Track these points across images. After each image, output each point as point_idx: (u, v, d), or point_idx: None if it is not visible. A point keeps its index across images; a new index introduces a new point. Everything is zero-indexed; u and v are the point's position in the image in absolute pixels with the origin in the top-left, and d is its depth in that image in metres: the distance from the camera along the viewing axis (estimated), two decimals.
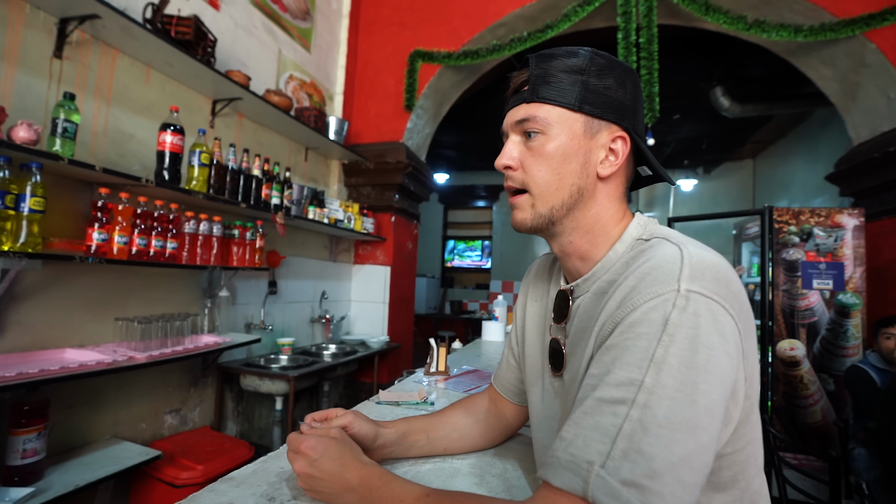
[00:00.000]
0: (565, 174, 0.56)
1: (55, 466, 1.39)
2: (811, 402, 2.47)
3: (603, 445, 0.39)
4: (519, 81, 0.59)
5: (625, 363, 0.42)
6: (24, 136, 1.27)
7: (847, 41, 2.53)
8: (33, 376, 1.22)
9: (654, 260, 0.47)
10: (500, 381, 0.81)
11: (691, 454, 0.38)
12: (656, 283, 0.45)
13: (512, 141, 0.59)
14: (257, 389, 2.15)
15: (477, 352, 1.95)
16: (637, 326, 0.43)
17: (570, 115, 0.56)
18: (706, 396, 0.40)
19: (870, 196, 2.69)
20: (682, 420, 0.39)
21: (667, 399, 0.39)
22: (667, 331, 0.42)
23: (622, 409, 0.40)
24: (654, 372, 0.40)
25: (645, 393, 0.40)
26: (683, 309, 0.42)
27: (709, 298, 0.43)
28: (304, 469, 0.57)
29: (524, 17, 3.05)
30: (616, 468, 0.38)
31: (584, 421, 0.42)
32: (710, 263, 0.46)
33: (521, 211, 0.58)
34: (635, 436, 0.39)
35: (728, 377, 0.42)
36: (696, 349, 0.41)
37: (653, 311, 0.43)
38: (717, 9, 2.60)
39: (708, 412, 0.40)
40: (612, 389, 0.42)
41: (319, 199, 2.66)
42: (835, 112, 3.01)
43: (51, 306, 1.50)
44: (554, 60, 0.57)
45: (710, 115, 4.57)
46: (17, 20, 1.43)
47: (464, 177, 7.59)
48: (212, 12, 2.19)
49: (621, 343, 0.44)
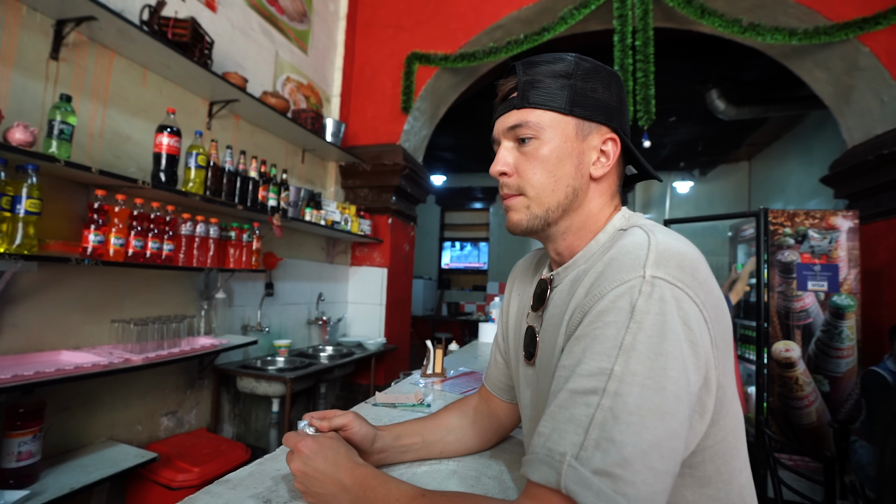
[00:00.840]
0: (560, 176, 0.57)
1: (51, 469, 1.38)
2: (806, 404, 2.48)
3: (577, 437, 0.40)
4: (507, 88, 0.60)
5: (595, 352, 0.43)
6: (21, 138, 1.26)
7: (841, 45, 2.56)
8: (29, 378, 1.22)
9: (621, 245, 0.48)
10: (489, 380, 0.82)
11: (661, 441, 0.39)
12: (622, 270, 0.45)
13: (505, 147, 0.60)
14: (254, 391, 2.14)
15: (474, 353, 1.95)
16: (605, 315, 0.44)
17: (562, 118, 0.57)
18: (674, 383, 0.40)
19: (864, 198, 2.71)
20: (651, 406, 0.39)
21: (636, 386, 0.40)
22: (634, 318, 0.42)
23: (594, 398, 0.40)
24: (624, 360, 0.41)
25: (615, 381, 0.40)
26: (649, 295, 0.43)
27: (673, 285, 0.43)
28: (298, 468, 0.57)
29: (521, 19, 3.06)
30: (588, 458, 0.38)
31: (558, 414, 0.42)
32: (676, 251, 0.46)
33: (517, 212, 0.59)
34: (607, 424, 0.39)
35: (697, 364, 0.42)
36: (663, 335, 0.41)
37: (619, 298, 0.44)
38: (712, 12, 2.62)
39: (676, 398, 0.40)
40: (583, 380, 0.42)
41: (316, 200, 2.66)
42: (829, 115, 3.04)
43: (47, 308, 1.49)
44: (540, 66, 0.58)
45: (705, 117, 4.60)
46: (14, 22, 1.43)
47: (460, 179, 7.60)
48: (209, 14, 2.19)
49: (591, 332, 0.44)
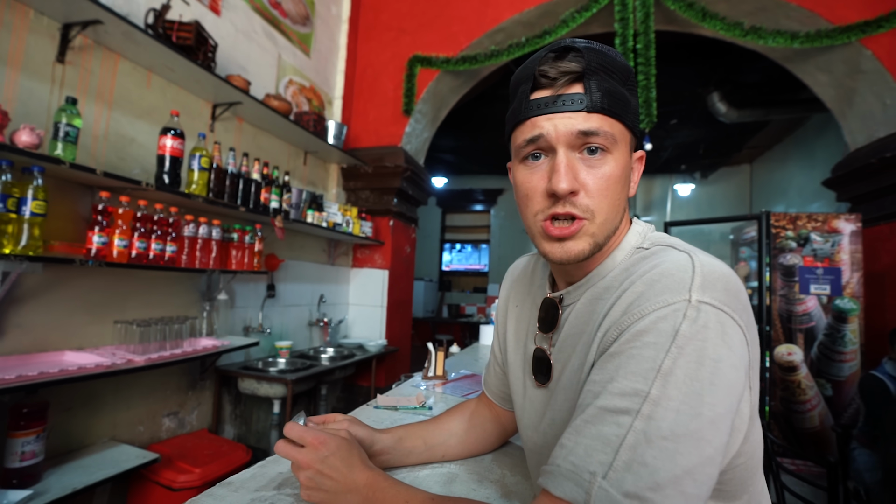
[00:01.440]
0: (622, 198, 0.52)
1: (53, 469, 1.39)
2: (809, 408, 2.47)
3: (605, 456, 0.39)
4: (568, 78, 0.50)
5: (630, 372, 0.41)
6: (27, 140, 1.27)
7: (843, 48, 2.56)
8: (32, 379, 1.22)
9: (663, 266, 0.46)
10: (489, 388, 0.80)
11: (695, 467, 0.38)
12: (666, 292, 0.43)
13: (569, 158, 0.50)
14: (255, 393, 2.15)
15: (475, 356, 1.95)
16: (644, 335, 0.42)
17: (626, 132, 0.52)
18: (711, 409, 0.39)
19: (866, 201, 2.70)
20: (686, 433, 0.38)
21: (672, 411, 0.39)
22: (676, 342, 0.40)
23: (626, 419, 0.39)
24: (661, 383, 0.39)
25: (650, 404, 0.39)
26: (694, 320, 0.41)
27: (719, 310, 0.42)
28: (311, 462, 0.55)
29: (522, 22, 3.07)
30: (619, 480, 0.37)
31: (585, 429, 0.41)
32: (721, 273, 0.45)
33: (579, 241, 0.51)
34: (639, 447, 0.38)
35: (734, 389, 0.41)
36: (702, 361, 0.40)
37: (662, 320, 0.42)
38: (713, 15, 2.62)
39: (713, 425, 0.39)
40: (615, 399, 0.41)
41: (318, 202, 2.67)
42: (831, 118, 3.04)
43: (50, 309, 1.50)
44: (607, 61, 0.50)
45: (707, 120, 4.60)
46: (21, 25, 1.44)
47: (462, 181, 7.61)
48: (213, 18, 2.21)
49: (627, 351, 0.42)
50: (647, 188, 6.90)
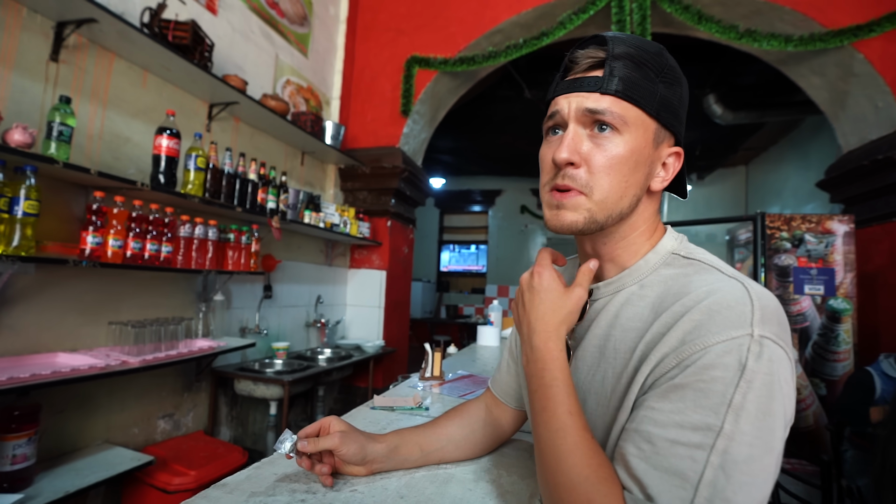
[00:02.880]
0: (632, 184, 0.52)
1: (45, 472, 1.37)
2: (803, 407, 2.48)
3: (685, 492, 0.40)
4: (588, 63, 0.53)
5: (700, 406, 0.42)
6: (19, 140, 1.26)
7: (836, 51, 2.58)
8: (24, 381, 1.21)
9: (719, 296, 0.46)
10: (498, 385, 0.80)
11: (765, 497, 0.40)
12: (728, 325, 0.44)
13: (577, 132, 0.52)
14: (251, 394, 2.14)
15: (472, 357, 1.95)
16: (711, 370, 0.42)
17: (646, 119, 0.52)
18: (780, 442, 0.41)
19: (859, 203, 2.72)
20: (761, 467, 0.40)
21: (746, 446, 0.40)
22: (745, 377, 0.41)
23: (701, 454, 0.40)
24: (733, 418, 0.40)
25: (724, 439, 0.40)
26: (759, 356, 0.42)
27: (777, 344, 0.43)
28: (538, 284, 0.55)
29: (520, 24, 3.08)
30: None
31: (656, 461, 0.42)
32: (775, 307, 0.46)
33: (573, 212, 0.52)
34: (718, 483, 0.39)
35: (789, 419, 0.44)
36: (772, 395, 0.41)
37: (727, 354, 0.42)
38: (709, 18, 2.64)
39: (778, 455, 0.41)
40: (687, 433, 0.41)
41: (315, 203, 2.67)
42: (825, 120, 3.06)
43: (43, 310, 1.49)
44: (633, 50, 0.51)
45: (703, 121, 4.62)
46: (14, 23, 1.43)
47: (460, 181, 7.61)
48: (209, 17, 2.20)
49: (693, 384, 0.43)
50: None
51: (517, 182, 7.38)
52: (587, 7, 2.76)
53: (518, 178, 7.34)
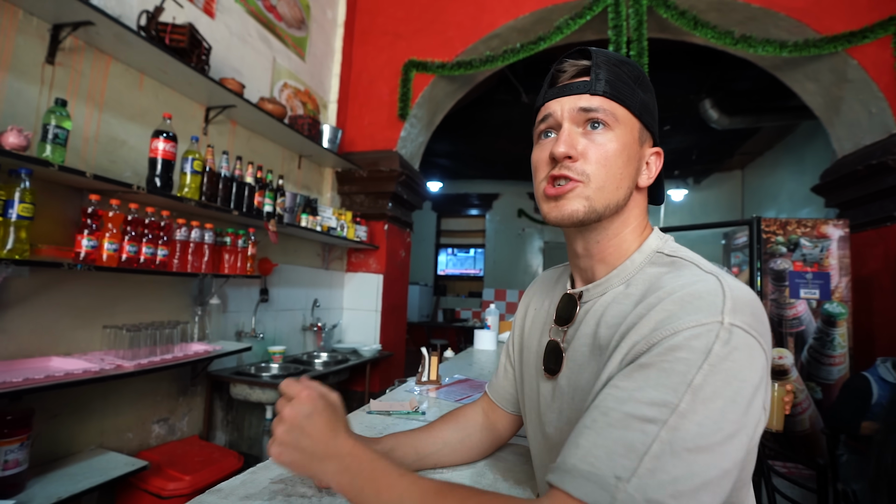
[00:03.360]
0: (625, 176, 0.55)
1: (38, 478, 1.36)
2: (799, 411, 2.49)
3: (629, 462, 0.40)
4: (576, 70, 0.57)
5: (660, 384, 0.42)
6: (14, 142, 1.26)
7: (830, 57, 2.60)
8: (17, 385, 1.20)
9: (693, 288, 0.47)
10: (495, 390, 0.80)
11: (713, 479, 0.40)
12: (699, 312, 0.45)
13: (572, 129, 0.55)
14: (247, 398, 2.12)
15: (469, 360, 1.94)
16: (677, 351, 0.43)
17: (631, 118, 0.56)
18: (733, 426, 0.41)
19: (854, 207, 2.74)
20: (708, 446, 0.40)
21: (696, 425, 0.40)
22: (708, 360, 0.42)
23: (652, 428, 0.41)
24: (690, 398, 0.41)
25: (677, 416, 0.41)
26: (726, 342, 0.43)
27: (748, 333, 0.44)
28: (295, 417, 0.52)
29: (517, 28, 3.10)
30: (643, 486, 0.39)
31: (607, 432, 0.42)
32: (750, 299, 0.47)
33: (572, 202, 0.54)
34: (663, 457, 0.39)
35: (755, 410, 0.44)
36: (730, 381, 0.42)
37: (695, 338, 0.43)
38: (705, 24, 2.66)
39: (732, 441, 0.41)
40: (643, 407, 0.42)
41: (312, 206, 2.66)
42: (820, 125, 3.09)
43: (37, 314, 1.48)
44: (615, 60, 0.56)
45: (699, 126, 4.65)
46: (10, 26, 1.42)
47: (457, 185, 7.62)
48: (207, 20, 2.20)
49: (658, 364, 0.44)
50: None
51: (514, 186, 7.40)
52: (584, 12, 2.78)
53: (515, 182, 7.36)
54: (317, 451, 0.51)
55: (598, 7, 2.75)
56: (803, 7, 2.61)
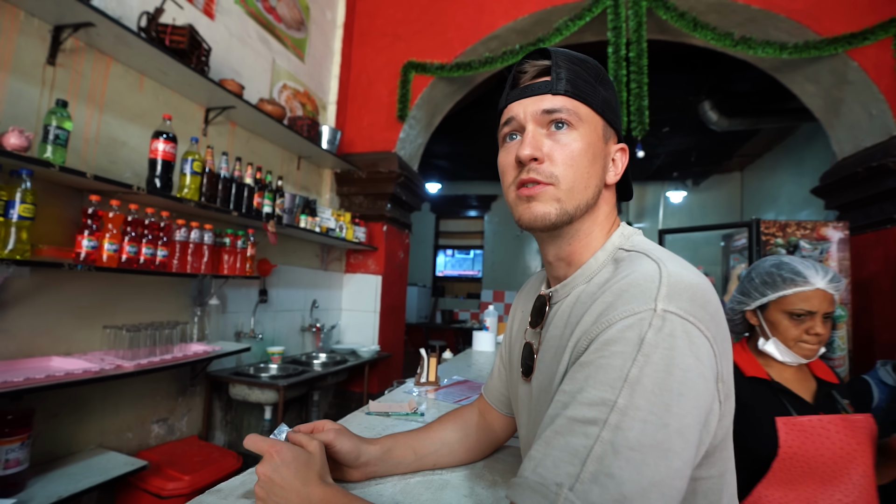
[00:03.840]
0: (592, 174, 0.55)
1: (38, 477, 1.36)
2: None
3: (572, 467, 0.38)
4: (536, 70, 0.56)
5: (598, 382, 0.41)
6: (15, 143, 1.26)
7: (830, 59, 2.61)
8: (17, 385, 1.20)
9: (631, 276, 0.46)
10: (489, 391, 0.81)
11: (663, 479, 0.37)
12: (633, 301, 0.44)
13: (536, 131, 0.54)
14: (246, 398, 2.13)
15: (468, 362, 1.95)
16: (612, 345, 0.42)
17: (594, 116, 0.56)
18: (679, 420, 0.39)
19: (854, 209, 2.74)
20: (653, 443, 0.38)
21: (639, 421, 0.38)
22: (642, 351, 0.41)
23: (593, 429, 0.39)
24: (628, 393, 0.39)
25: (617, 414, 0.39)
26: (659, 329, 0.41)
27: (685, 320, 0.42)
28: (266, 473, 0.55)
29: (516, 30, 3.10)
30: (585, 492, 0.37)
31: (554, 440, 0.41)
32: (689, 283, 0.45)
33: (544, 204, 0.54)
34: (606, 458, 0.38)
35: (703, 400, 0.41)
36: (670, 371, 0.40)
37: (628, 329, 0.42)
38: (704, 25, 2.67)
39: (681, 436, 0.39)
40: (584, 409, 0.41)
41: (311, 207, 2.67)
42: (819, 127, 3.09)
43: (38, 314, 1.48)
44: (575, 59, 0.56)
45: (698, 128, 4.65)
46: (11, 27, 1.43)
47: (456, 186, 7.63)
48: (207, 22, 2.20)
49: (595, 361, 0.43)
50: (639, 195, 6.96)
51: None
52: (583, 14, 2.79)
53: None
54: (291, 500, 0.53)
55: (597, 8, 2.76)
56: (803, 9, 2.62)
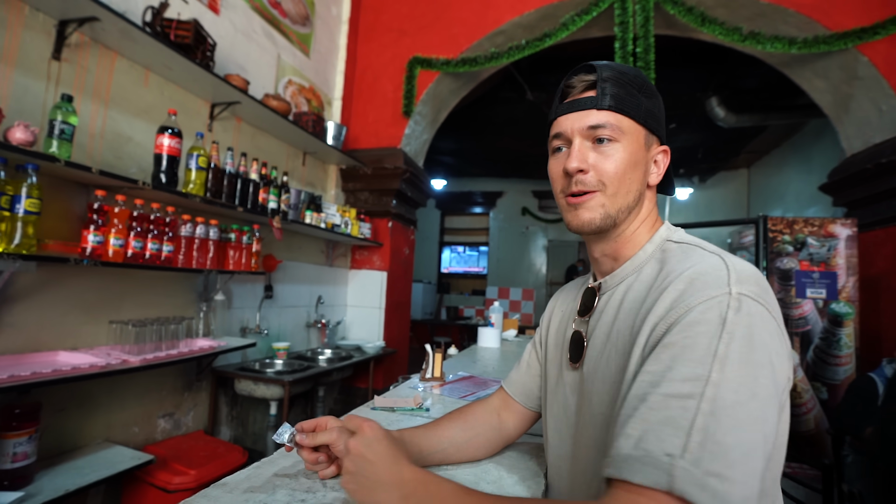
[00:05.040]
0: (633, 180, 0.61)
1: (46, 470, 1.37)
2: (805, 411, 2.47)
3: (678, 439, 0.41)
4: (583, 86, 0.62)
5: (687, 360, 0.44)
6: (21, 138, 1.26)
7: (840, 54, 2.57)
8: (25, 379, 1.21)
9: (699, 266, 0.51)
10: (513, 384, 0.82)
11: (758, 444, 0.41)
12: (707, 287, 0.48)
13: (582, 145, 0.60)
14: (252, 394, 2.13)
15: (473, 358, 1.94)
16: (695, 326, 0.46)
17: (637, 126, 0.61)
18: (765, 389, 0.43)
19: (862, 206, 2.71)
20: (748, 412, 0.42)
21: (732, 392, 0.42)
22: (726, 329, 0.44)
23: (692, 402, 0.42)
24: (719, 367, 0.43)
25: (712, 387, 0.42)
26: (738, 310, 0.45)
27: (757, 301, 0.47)
28: (357, 447, 0.55)
29: (522, 25, 3.08)
30: (697, 459, 0.39)
31: (651, 416, 0.43)
32: (752, 272, 0.50)
33: (590, 211, 0.60)
34: (710, 428, 0.40)
35: (781, 375, 0.45)
36: (753, 346, 0.44)
37: (709, 311, 0.46)
38: (712, 20, 2.63)
39: (767, 404, 0.43)
40: (678, 385, 0.43)
41: (317, 203, 2.66)
42: (828, 123, 3.05)
43: (44, 308, 1.49)
44: (618, 73, 0.61)
45: (705, 124, 4.61)
46: (16, 21, 1.43)
47: (461, 183, 7.61)
48: (212, 17, 2.20)
49: (680, 341, 0.46)
50: None
51: (518, 184, 7.38)
52: (590, 8, 2.76)
53: (519, 180, 7.34)
54: (381, 478, 0.53)
55: (604, 3, 2.73)
56: (813, 3, 2.58)
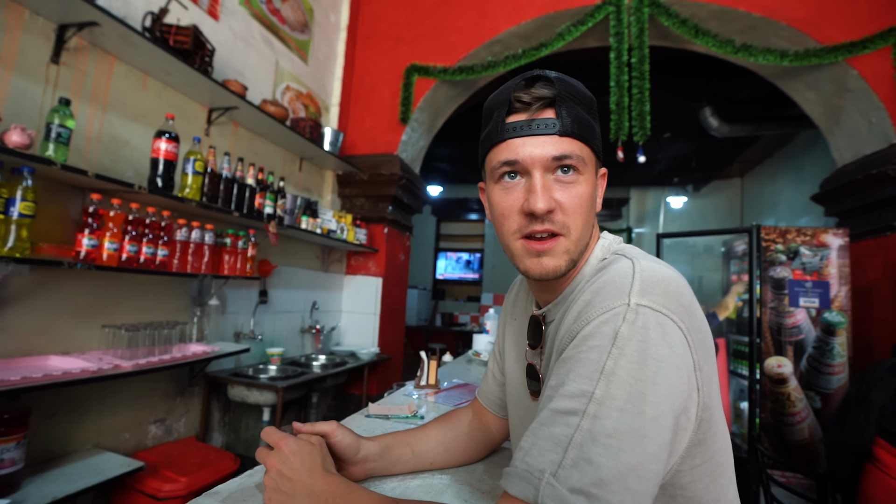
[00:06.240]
0: (592, 216, 0.57)
1: (33, 477, 1.35)
2: (798, 420, 2.48)
3: (555, 455, 0.41)
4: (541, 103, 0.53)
5: (577, 375, 0.44)
6: (17, 140, 1.26)
7: (830, 67, 2.62)
8: (14, 384, 1.20)
9: (607, 275, 0.49)
10: (484, 395, 0.82)
11: (639, 463, 0.40)
12: (608, 298, 0.46)
13: (546, 179, 0.53)
14: (245, 400, 2.12)
15: (467, 365, 1.94)
16: (589, 339, 0.45)
17: (592, 155, 0.56)
18: (654, 407, 0.41)
19: (854, 216, 2.75)
20: (630, 430, 0.40)
21: (615, 410, 0.41)
22: (616, 344, 0.43)
23: (574, 419, 0.42)
24: (605, 384, 0.42)
25: (595, 404, 0.41)
26: (633, 322, 0.44)
27: (657, 312, 0.44)
28: (275, 465, 0.57)
29: (519, 34, 3.11)
30: (566, 476, 0.39)
31: (539, 431, 0.44)
32: (661, 277, 0.47)
33: (556, 258, 0.54)
34: (585, 445, 0.40)
35: (677, 388, 0.43)
36: (644, 361, 0.42)
37: (604, 324, 0.45)
38: (706, 32, 2.68)
39: (656, 422, 0.41)
40: (565, 400, 0.43)
41: (313, 209, 2.66)
42: (819, 134, 3.10)
43: (36, 312, 1.47)
44: (574, 89, 0.54)
45: (699, 134, 4.67)
46: (16, 25, 1.43)
47: (457, 190, 7.64)
48: (211, 23, 2.21)
49: (575, 356, 0.45)
50: (640, 200, 6.97)
51: None
52: (586, 19, 2.80)
53: None
54: (296, 491, 0.54)
55: (599, 14, 2.77)
56: (804, 17, 2.63)
